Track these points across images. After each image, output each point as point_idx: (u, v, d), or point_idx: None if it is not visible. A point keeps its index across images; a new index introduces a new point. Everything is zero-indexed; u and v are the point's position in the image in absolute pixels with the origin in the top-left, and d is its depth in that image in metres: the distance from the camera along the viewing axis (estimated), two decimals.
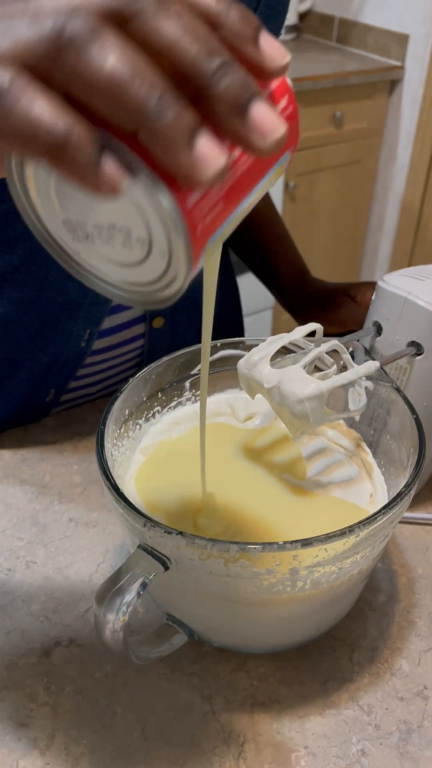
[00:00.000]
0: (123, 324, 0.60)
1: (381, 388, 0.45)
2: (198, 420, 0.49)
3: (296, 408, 0.38)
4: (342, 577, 0.37)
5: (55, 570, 0.49)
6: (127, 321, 0.60)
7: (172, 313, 0.62)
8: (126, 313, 0.59)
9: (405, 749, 0.38)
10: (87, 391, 0.65)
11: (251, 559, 0.33)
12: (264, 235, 0.75)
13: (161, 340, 0.64)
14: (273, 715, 0.40)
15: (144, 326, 0.62)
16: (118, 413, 0.43)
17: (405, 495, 0.36)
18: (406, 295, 0.46)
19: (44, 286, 0.54)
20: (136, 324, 0.61)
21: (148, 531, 0.34)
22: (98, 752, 0.38)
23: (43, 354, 0.58)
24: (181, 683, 0.41)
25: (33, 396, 0.62)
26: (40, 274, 0.53)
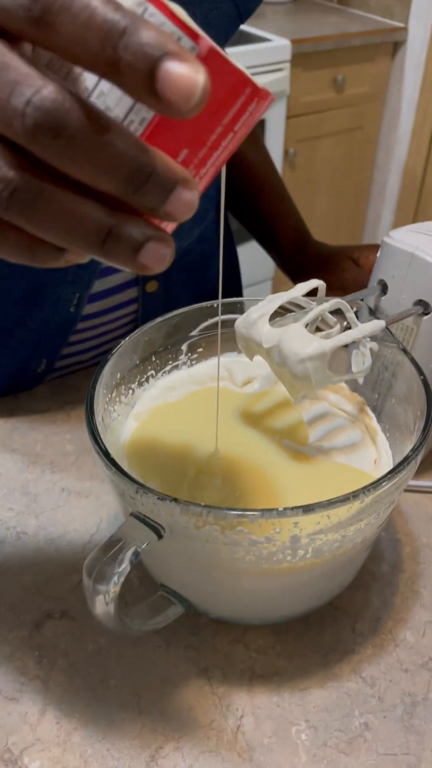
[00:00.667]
0: (114, 288, 0.57)
1: (386, 350, 0.43)
2: (194, 384, 0.47)
3: (297, 368, 0.36)
4: (345, 545, 0.35)
5: (47, 541, 0.47)
6: (118, 284, 0.57)
7: (166, 276, 0.60)
8: (117, 276, 0.57)
9: (410, 722, 0.37)
10: (80, 358, 0.63)
11: (249, 526, 0.31)
12: (264, 197, 0.72)
13: (155, 306, 0.61)
14: (272, 688, 0.38)
15: (137, 290, 0.59)
16: (109, 377, 0.41)
17: (412, 459, 0.34)
18: (413, 251, 0.43)
19: None
20: (129, 288, 0.59)
21: (140, 498, 0.32)
22: (91, 726, 0.37)
23: (32, 320, 0.56)
24: (177, 656, 0.40)
25: (24, 366, 0.59)
26: None
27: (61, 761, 0.35)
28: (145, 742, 0.36)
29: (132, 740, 0.36)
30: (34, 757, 0.35)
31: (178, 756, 0.35)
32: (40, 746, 0.36)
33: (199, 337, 0.47)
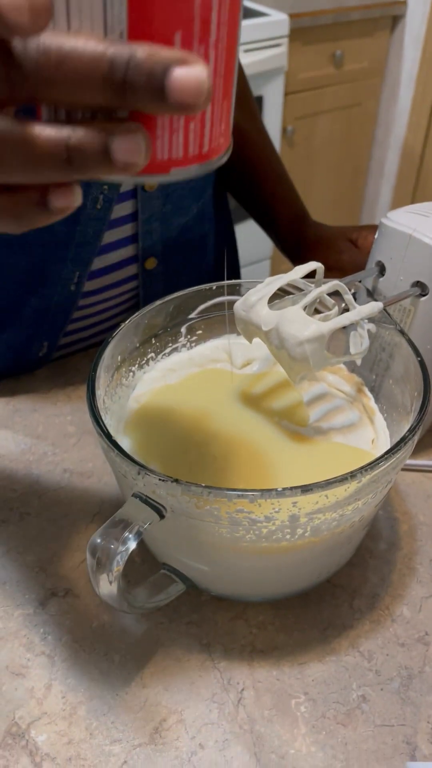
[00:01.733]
0: (114, 264, 0.58)
1: (384, 331, 0.43)
2: (194, 367, 0.47)
3: (296, 351, 0.36)
4: (343, 524, 0.35)
5: (50, 521, 0.48)
6: (118, 261, 0.58)
7: (165, 254, 0.60)
8: (117, 253, 0.57)
9: (406, 694, 0.38)
10: (81, 335, 0.63)
11: (249, 506, 0.32)
12: (262, 177, 0.72)
13: (155, 283, 0.62)
14: (272, 662, 0.39)
15: (137, 267, 0.59)
16: (110, 360, 0.41)
17: (409, 440, 0.35)
18: (411, 233, 0.43)
19: None
20: (129, 265, 0.59)
21: (142, 479, 0.33)
22: (96, 700, 0.38)
23: (33, 298, 0.56)
24: (179, 632, 0.41)
25: (25, 349, 0.60)
26: None
27: (67, 734, 0.36)
28: (149, 715, 0.37)
29: (136, 713, 0.37)
30: (40, 731, 0.36)
31: (181, 728, 0.36)
32: (46, 720, 0.37)
33: (198, 319, 0.48)
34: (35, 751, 0.35)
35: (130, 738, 0.36)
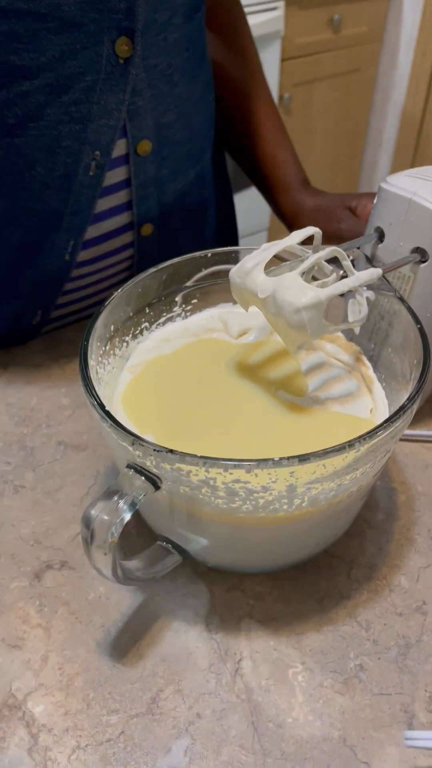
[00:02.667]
0: (109, 233, 0.56)
1: (383, 299, 0.42)
2: (189, 336, 0.46)
3: (293, 318, 0.36)
4: (341, 494, 0.35)
5: (45, 494, 0.47)
6: (113, 229, 0.56)
7: (162, 220, 0.59)
8: (112, 221, 0.56)
9: (403, 663, 0.38)
10: (75, 307, 0.62)
11: (246, 476, 0.31)
12: (263, 137, 0.70)
13: (151, 250, 0.60)
14: (270, 633, 0.39)
15: (132, 234, 0.58)
16: (102, 329, 0.40)
17: (408, 408, 0.34)
18: (411, 197, 0.42)
19: (21, 197, 0.50)
20: (124, 232, 0.57)
21: (136, 450, 0.32)
22: (93, 671, 0.37)
23: (27, 269, 0.55)
24: (176, 603, 0.41)
25: (19, 317, 0.59)
26: (14, 183, 0.49)
27: (63, 705, 0.36)
28: (146, 686, 0.37)
29: (133, 684, 0.37)
30: (37, 702, 0.36)
31: (179, 698, 0.36)
32: (43, 691, 0.37)
33: (193, 288, 0.47)
34: (32, 722, 0.35)
35: (128, 708, 0.36)
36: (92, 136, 0.49)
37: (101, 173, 0.51)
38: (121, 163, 0.53)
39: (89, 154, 0.49)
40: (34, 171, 0.48)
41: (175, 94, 0.53)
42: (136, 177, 0.54)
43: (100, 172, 0.51)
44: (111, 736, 0.35)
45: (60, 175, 0.49)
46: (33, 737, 0.35)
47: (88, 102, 0.47)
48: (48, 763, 0.34)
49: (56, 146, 0.48)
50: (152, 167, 0.54)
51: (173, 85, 0.53)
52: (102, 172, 0.51)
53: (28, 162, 0.48)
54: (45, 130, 0.47)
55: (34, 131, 0.47)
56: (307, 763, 0.34)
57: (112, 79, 0.47)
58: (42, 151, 0.48)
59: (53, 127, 0.47)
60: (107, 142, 0.50)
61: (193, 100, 0.56)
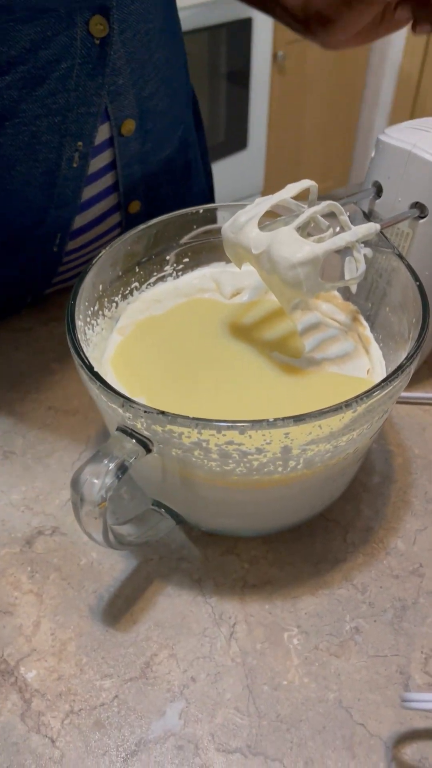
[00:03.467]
0: (97, 219, 0.54)
1: (380, 256, 0.41)
2: (181, 297, 0.45)
3: (288, 275, 0.34)
4: (337, 456, 0.34)
5: (35, 459, 0.47)
6: (100, 214, 0.54)
7: (147, 192, 0.56)
8: (99, 206, 0.53)
9: (399, 625, 0.37)
10: (65, 285, 0.60)
11: (239, 437, 0.30)
12: None
13: (139, 224, 0.58)
14: (264, 597, 0.39)
15: (120, 215, 0.55)
16: (90, 289, 0.39)
17: (406, 368, 0.33)
18: (411, 149, 0.41)
19: (1, 197, 0.47)
20: (111, 215, 0.55)
21: (126, 412, 0.31)
22: (86, 636, 0.37)
23: (14, 263, 0.52)
24: (169, 568, 0.40)
25: (10, 302, 0.57)
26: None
27: (56, 670, 0.36)
28: (140, 650, 0.36)
29: (127, 648, 0.36)
30: (30, 667, 0.36)
31: (173, 662, 0.36)
32: (35, 656, 0.36)
33: (184, 246, 0.45)
34: (24, 687, 0.35)
35: (121, 673, 0.35)
36: (73, 126, 0.45)
37: (85, 163, 0.48)
38: (105, 147, 0.50)
39: (71, 146, 0.46)
40: (15, 171, 0.45)
41: (155, 61, 0.50)
42: (121, 158, 0.51)
43: (84, 163, 0.48)
44: (105, 701, 0.34)
45: (42, 171, 0.46)
46: (26, 702, 0.34)
47: (66, 91, 0.43)
48: (41, 727, 0.34)
49: (36, 142, 0.44)
50: (136, 144, 0.51)
51: (152, 52, 0.49)
52: (86, 162, 0.48)
53: (8, 162, 0.45)
54: (22, 128, 0.43)
55: (10, 130, 0.43)
56: (303, 725, 0.33)
57: (89, 63, 0.44)
58: (21, 149, 0.44)
59: (30, 122, 0.43)
60: (89, 130, 0.46)
61: (171, 59, 0.53)
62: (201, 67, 1.60)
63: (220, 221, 0.44)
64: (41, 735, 0.33)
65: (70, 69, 0.43)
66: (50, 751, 0.33)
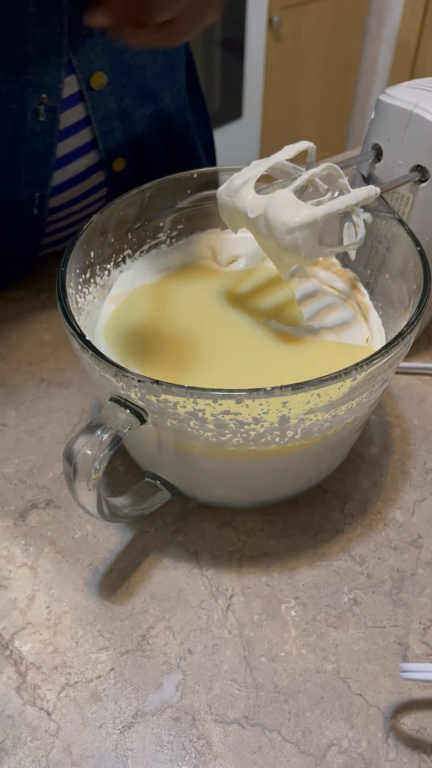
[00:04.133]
0: (78, 176, 0.51)
1: (380, 221, 0.40)
2: (176, 265, 0.44)
3: (285, 239, 0.33)
4: (335, 426, 0.33)
5: (28, 432, 0.46)
6: (82, 171, 0.51)
7: (132, 151, 0.54)
8: (78, 163, 0.51)
9: (398, 596, 0.37)
10: (54, 249, 0.59)
11: (236, 407, 0.29)
12: None
13: (128, 185, 0.56)
14: (262, 569, 0.38)
15: (104, 173, 0.53)
16: (81, 255, 0.38)
17: (407, 334, 0.32)
18: (412, 108, 0.39)
19: None
20: (94, 173, 0.53)
21: (119, 381, 0.30)
22: (81, 609, 0.37)
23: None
24: (165, 540, 0.40)
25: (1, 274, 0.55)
26: None
27: (52, 643, 0.35)
28: (136, 623, 0.36)
29: (123, 621, 0.36)
30: (25, 641, 0.35)
31: (169, 634, 0.36)
32: (30, 630, 0.36)
33: (178, 213, 0.44)
34: (20, 660, 0.35)
35: (117, 645, 0.35)
36: (34, 77, 0.43)
37: (53, 117, 0.46)
38: (76, 101, 0.47)
39: (35, 98, 0.44)
40: None
41: None
42: (95, 113, 0.49)
43: (52, 116, 0.46)
44: (101, 673, 0.34)
45: (6, 123, 0.44)
46: (21, 675, 0.34)
47: (23, 41, 0.41)
48: (37, 700, 0.33)
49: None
50: (112, 99, 0.49)
51: None
52: (54, 115, 0.46)
53: None
54: None
55: None
56: (300, 696, 0.33)
57: (42, 10, 0.41)
58: None
59: None
60: (53, 82, 0.44)
61: None
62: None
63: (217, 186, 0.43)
64: (37, 708, 0.33)
65: (23, 17, 0.41)
66: (46, 723, 0.32)
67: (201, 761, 0.31)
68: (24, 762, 0.31)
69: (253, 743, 0.32)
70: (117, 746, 0.32)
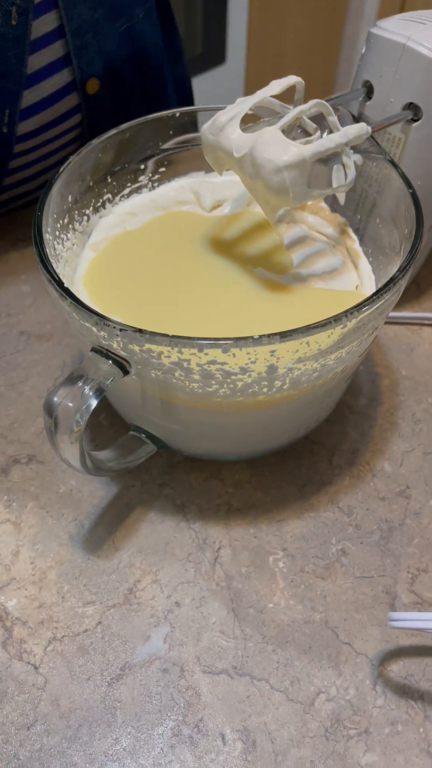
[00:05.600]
0: (50, 96, 0.49)
1: (371, 163, 0.38)
2: (157, 210, 0.42)
3: (273, 180, 0.32)
4: (324, 375, 0.32)
5: (8, 386, 0.44)
6: (54, 91, 0.49)
7: (107, 73, 0.51)
8: (50, 81, 0.48)
9: (386, 547, 0.37)
10: (26, 187, 0.56)
11: (222, 356, 0.28)
12: None
13: (102, 113, 0.53)
14: (249, 521, 0.38)
15: (77, 96, 0.51)
16: (59, 200, 0.36)
17: (398, 280, 0.31)
18: (405, 41, 0.37)
19: None
20: (67, 94, 0.50)
21: (101, 331, 0.29)
22: (67, 564, 0.36)
23: None
24: (151, 494, 0.39)
25: None
26: None
27: (38, 598, 0.35)
28: (123, 577, 0.36)
29: (109, 575, 0.36)
30: (10, 596, 0.35)
31: (156, 588, 0.35)
32: (15, 585, 0.35)
33: (160, 155, 0.42)
34: (5, 615, 0.34)
35: (104, 599, 0.35)
36: None
37: (25, 21, 0.43)
38: (49, 6, 0.45)
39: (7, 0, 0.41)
40: None
41: None
42: (69, 22, 0.46)
43: (24, 20, 0.43)
44: (88, 627, 0.34)
45: None
46: (7, 630, 0.34)
47: None
48: (23, 654, 0.33)
49: None
50: (85, 8, 0.47)
51: None
52: (26, 20, 0.43)
53: None
54: None
55: None
56: (289, 646, 0.33)
57: None
58: None
59: None
60: None
61: None
62: None
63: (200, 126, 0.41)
64: (24, 662, 0.33)
65: None
66: (33, 677, 0.32)
67: (190, 711, 0.31)
68: (12, 716, 0.31)
69: (242, 692, 0.32)
70: (105, 698, 0.32)
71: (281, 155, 0.31)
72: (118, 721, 0.31)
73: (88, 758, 0.30)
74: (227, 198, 0.41)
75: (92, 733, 0.31)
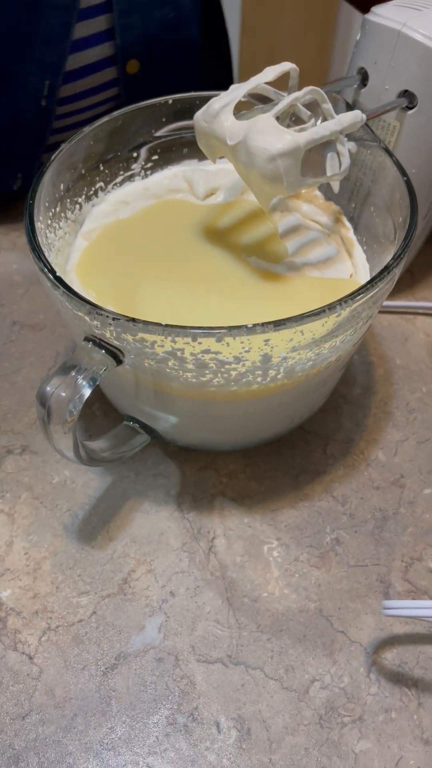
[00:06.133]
0: (91, 65, 0.49)
1: (365, 151, 0.38)
2: (150, 198, 0.42)
3: (267, 168, 0.31)
4: (319, 364, 0.32)
5: (1, 377, 0.44)
6: (95, 62, 0.49)
7: (147, 54, 0.52)
8: (92, 52, 0.48)
9: (380, 536, 0.37)
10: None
11: (216, 345, 0.28)
12: None
13: (139, 91, 0.53)
14: (243, 510, 0.38)
15: (116, 71, 0.51)
16: (50, 187, 0.35)
17: (393, 268, 0.31)
18: (400, 28, 0.37)
19: None
20: (107, 67, 0.50)
21: (93, 320, 0.29)
22: (61, 555, 0.36)
23: (1, 106, 0.48)
24: (145, 484, 0.39)
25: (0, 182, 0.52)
26: None
27: (32, 588, 0.35)
28: (117, 567, 0.36)
29: (103, 566, 0.36)
30: (4, 587, 0.35)
31: (151, 578, 0.35)
32: (9, 576, 0.35)
33: (153, 143, 0.41)
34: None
35: (99, 589, 0.35)
36: None
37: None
38: None
39: None
40: None
41: None
42: (118, 1, 0.47)
43: None
44: (82, 617, 0.34)
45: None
46: (1, 621, 0.34)
47: None
48: (18, 645, 0.33)
49: None
50: None
51: None
52: None
53: None
54: None
55: None
56: (283, 635, 0.33)
57: None
58: None
59: None
60: None
61: None
62: None
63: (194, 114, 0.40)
64: (18, 652, 0.33)
65: None
66: (28, 667, 0.32)
67: (185, 699, 0.31)
68: (6, 706, 0.31)
69: (237, 681, 0.32)
70: (100, 687, 0.32)
71: (275, 143, 0.31)
72: (113, 710, 0.31)
73: (83, 747, 0.30)
74: (221, 186, 0.41)
75: (87, 722, 0.31)
